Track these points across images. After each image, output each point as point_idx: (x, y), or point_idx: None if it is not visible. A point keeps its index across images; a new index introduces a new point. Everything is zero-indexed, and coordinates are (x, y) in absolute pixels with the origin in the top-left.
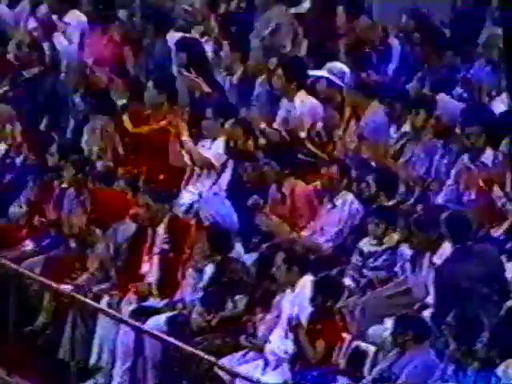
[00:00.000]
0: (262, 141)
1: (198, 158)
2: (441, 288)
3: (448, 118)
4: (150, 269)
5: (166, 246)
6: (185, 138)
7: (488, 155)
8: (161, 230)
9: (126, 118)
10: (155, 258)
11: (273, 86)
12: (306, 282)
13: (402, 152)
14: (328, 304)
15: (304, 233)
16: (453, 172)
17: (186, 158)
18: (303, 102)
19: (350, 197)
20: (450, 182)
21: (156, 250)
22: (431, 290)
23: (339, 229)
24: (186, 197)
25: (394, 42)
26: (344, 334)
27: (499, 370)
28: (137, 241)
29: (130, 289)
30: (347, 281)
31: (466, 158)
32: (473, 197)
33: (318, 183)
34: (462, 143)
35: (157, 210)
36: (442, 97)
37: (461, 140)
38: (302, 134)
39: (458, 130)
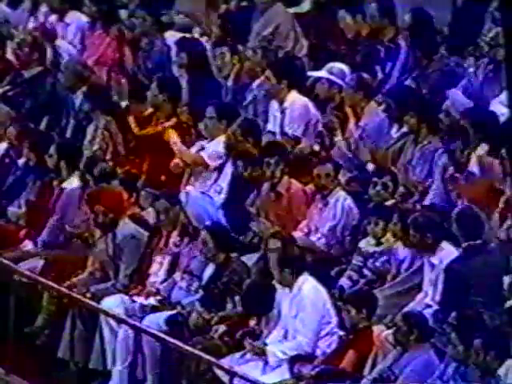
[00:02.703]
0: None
1: (189, 159)
2: (449, 287)
3: (456, 114)
4: (158, 269)
5: (177, 250)
6: (173, 139)
7: (474, 164)
8: (175, 231)
9: (131, 120)
10: (166, 259)
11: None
12: (305, 283)
13: (402, 152)
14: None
15: (298, 232)
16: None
17: (178, 160)
18: (295, 102)
19: (343, 194)
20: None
21: (168, 251)
22: (431, 289)
23: (333, 225)
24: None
25: (403, 41)
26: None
27: (500, 371)
28: (151, 240)
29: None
30: (346, 281)
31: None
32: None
33: (313, 183)
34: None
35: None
36: (453, 92)
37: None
38: (316, 147)
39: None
